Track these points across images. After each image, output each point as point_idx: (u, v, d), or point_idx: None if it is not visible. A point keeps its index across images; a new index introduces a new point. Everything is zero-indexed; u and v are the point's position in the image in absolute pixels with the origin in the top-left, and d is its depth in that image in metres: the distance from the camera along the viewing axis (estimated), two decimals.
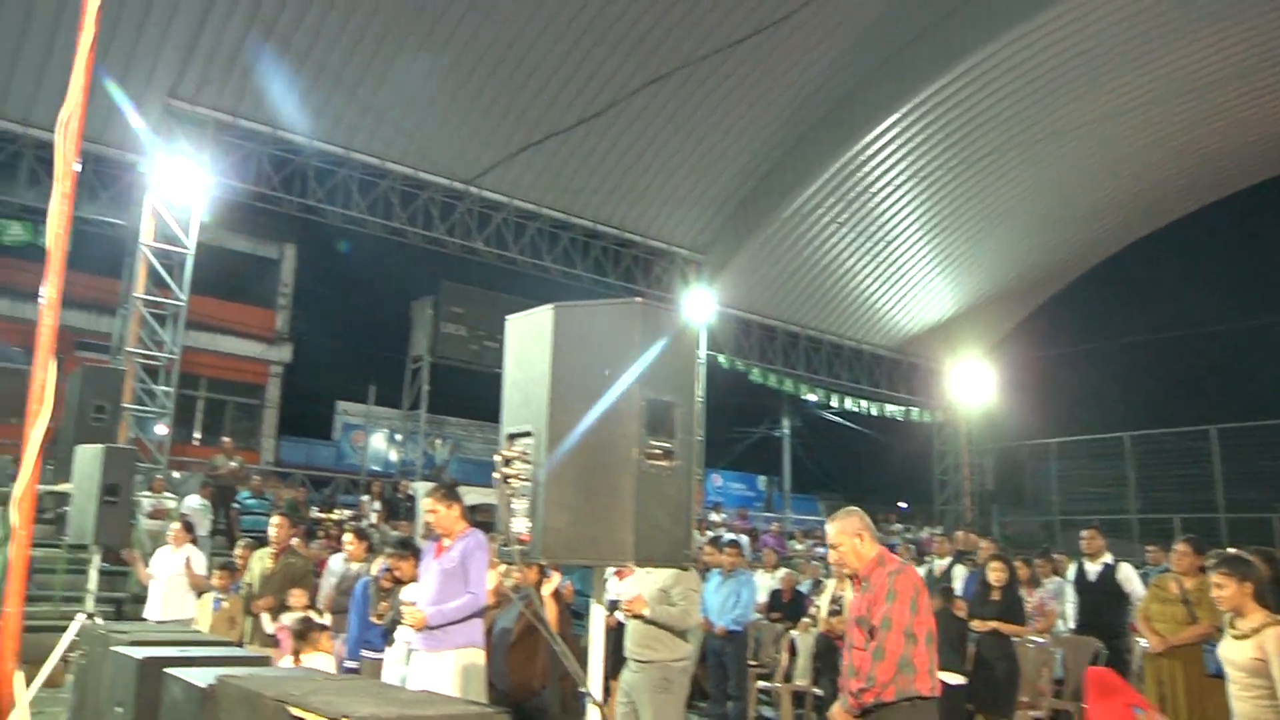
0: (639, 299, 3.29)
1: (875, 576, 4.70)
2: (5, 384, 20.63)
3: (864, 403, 27.64)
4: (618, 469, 3.18)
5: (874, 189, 22.83)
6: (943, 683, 8.43)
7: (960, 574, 11.76)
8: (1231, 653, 5.10)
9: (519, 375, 3.46)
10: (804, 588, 13.20)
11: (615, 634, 9.39)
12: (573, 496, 3.19)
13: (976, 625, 8.60)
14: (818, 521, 26.80)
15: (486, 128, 19.35)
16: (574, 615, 7.76)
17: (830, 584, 10.65)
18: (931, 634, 4.62)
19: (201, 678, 4.06)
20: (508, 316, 3.61)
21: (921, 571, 12.48)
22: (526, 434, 3.33)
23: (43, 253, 15.67)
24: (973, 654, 8.61)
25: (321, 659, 7.14)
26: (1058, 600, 10.23)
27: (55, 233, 2.16)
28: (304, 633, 7.22)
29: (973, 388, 28.55)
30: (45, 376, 2.22)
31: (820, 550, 20.58)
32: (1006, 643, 8.59)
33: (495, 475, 3.37)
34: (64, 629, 8.59)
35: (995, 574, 8.85)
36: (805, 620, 10.91)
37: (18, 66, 15.89)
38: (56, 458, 13.72)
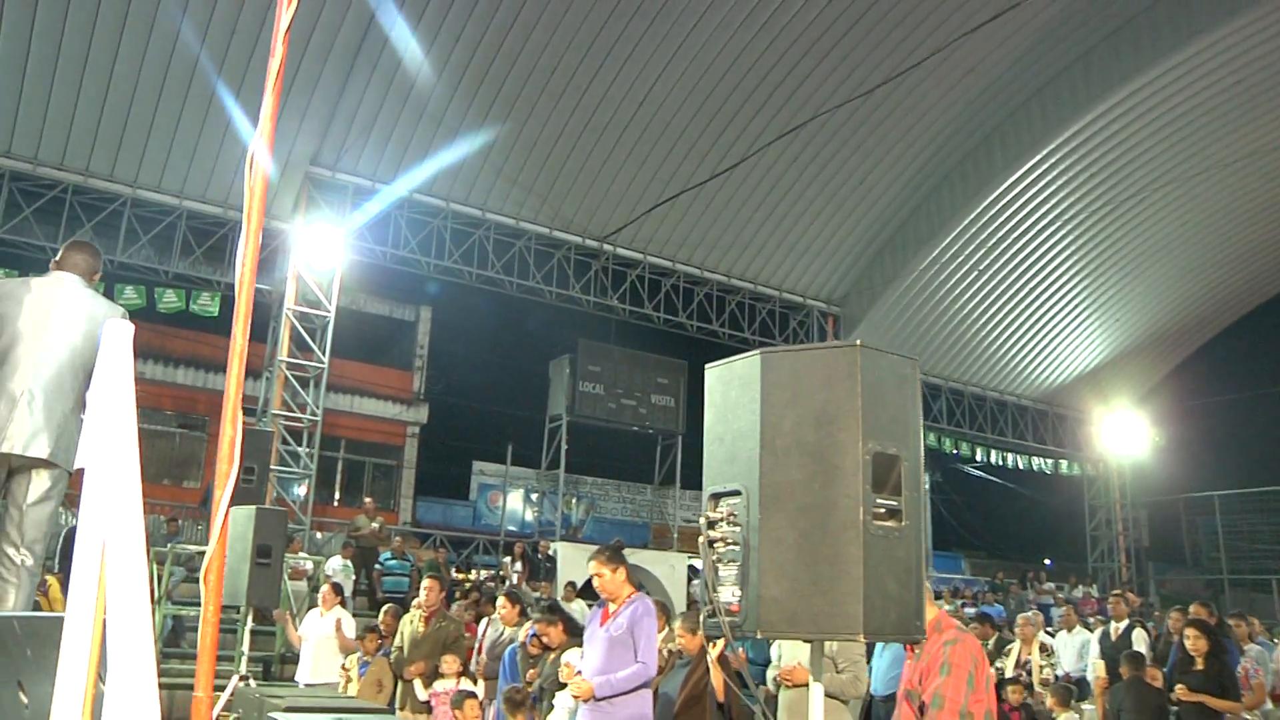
0: (859, 341, 2.94)
1: (929, 644, 4.21)
2: (157, 448, 21.38)
3: (1009, 456, 26.59)
4: (841, 531, 2.82)
5: (1016, 234, 22.08)
6: None
7: (1141, 638, 10.92)
8: None
9: (722, 429, 3.14)
10: None
11: (772, 703, 8.97)
12: (791, 563, 2.84)
13: (1181, 695, 7.83)
14: (963, 580, 25.75)
15: (619, 185, 19.38)
16: (742, 684, 7.34)
17: (1015, 647, 10.01)
18: (991, 713, 4.16)
19: None
20: (707, 366, 3.30)
21: (1097, 635, 11.66)
22: (734, 493, 3.00)
23: (193, 320, 16.07)
24: None
25: None
26: (1264, 669, 9.34)
27: (244, 277, 1.93)
28: (461, 703, 6.98)
29: (1125, 439, 27.20)
30: (234, 434, 1.98)
31: (969, 610, 19.67)
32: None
33: (700, 540, 3.05)
34: (219, 689, 8.60)
35: (1193, 642, 8.04)
36: None
37: (175, 143, 16.51)
38: (207, 520, 13.99)
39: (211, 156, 16.80)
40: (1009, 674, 10.03)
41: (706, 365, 3.29)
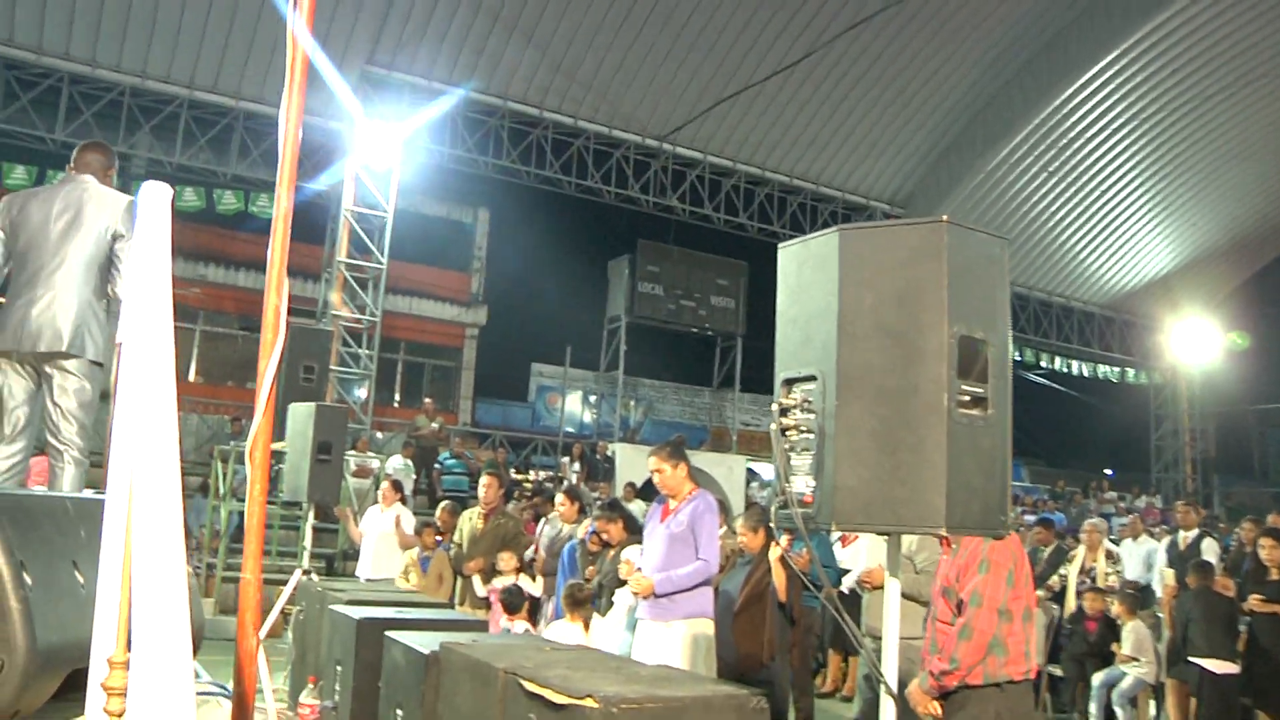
0: (945, 217, 2.73)
1: (966, 540, 4.00)
2: (220, 350, 21.66)
3: (1074, 363, 26.06)
4: (924, 419, 2.64)
5: (1088, 134, 21.28)
6: (1209, 671, 7.63)
7: (1211, 548, 10.67)
8: None
9: (796, 311, 2.95)
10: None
11: (848, 604, 8.90)
12: (870, 452, 2.67)
13: (1255, 605, 7.60)
14: (1022, 488, 25.49)
15: (680, 83, 18.91)
16: (806, 586, 7.25)
17: (1079, 553, 9.83)
18: (1030, 611, 4.01)
19: (423, 643, 3.87)
20: (780, 245, 3.09)
21: (1164, 544, 11.43)
22: (809, 378, 2.83)
23: (254, 222, 16.11)
24: (1245, 640, 7.67)
25: (564, 626, 6.87)
26: None
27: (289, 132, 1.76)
28: (513, 604, 6.98)
29: (1195, 348, 26.46)
30: (278, 300, 1.85)
31: (1029, 518, 19.47)
32: None
33: (771, 427, 2.89)
34: (281, 583, 8.71)
35: (1269, 552, 7.77)
36: (1038, 594, 10.10)
37: (229, 44, 16.33)
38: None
39: (267, 56, 16.61)
40: (1073, 580, 9.88)
41: (780, 245, 3.09)
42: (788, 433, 2.87)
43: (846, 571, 8.25)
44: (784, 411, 2.88)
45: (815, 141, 20.69)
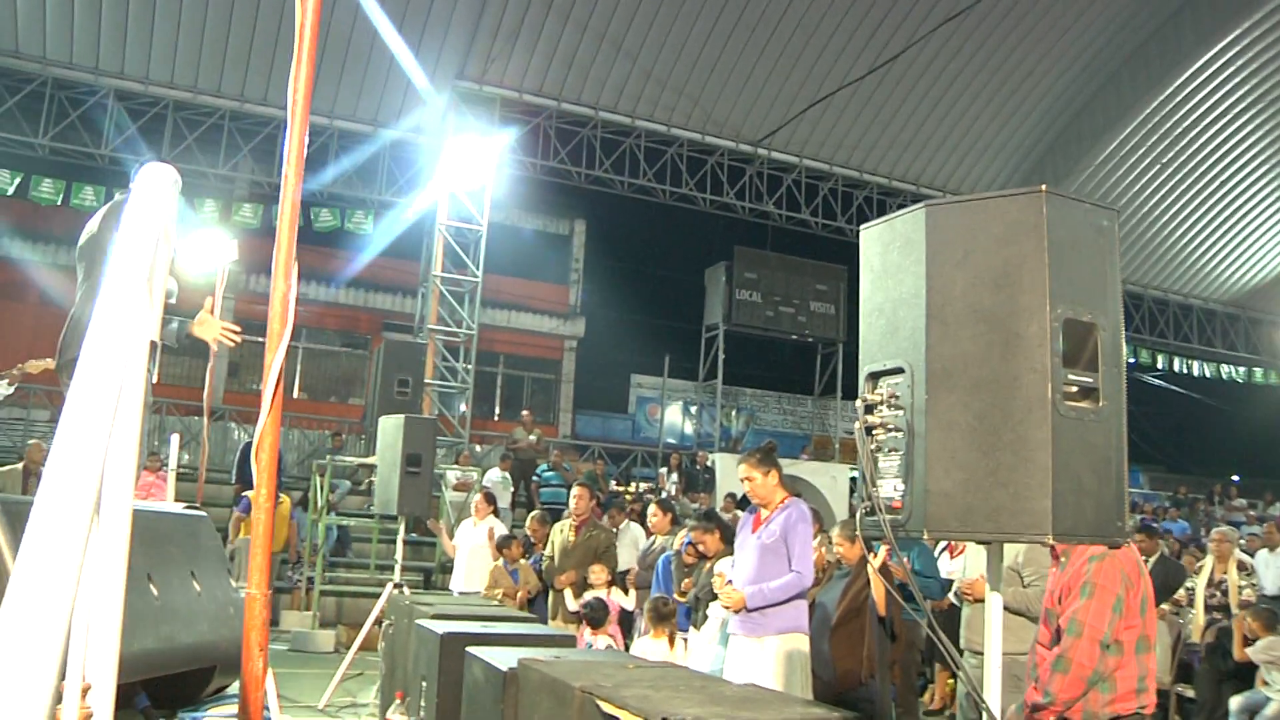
0: (1044, 186, 2.43)
1: (1074, 557, 3.55)
2: (322, 367, 21.98)
3: (1194, 364, 24.92)
4: (1026, 413, 2.35)
5: (1205, 123, 20.35)
6: None
7: None
8: None
9: (881, 298, 2.68)
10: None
11: (946, 619, 8.47)
12: (966, 451, 2.39)
13: None
14: (1141, 495, 24.42)
15: (772, 86, 18.61)
16: (907, 597, 6.90)
17: (1207, 564, 9.24)
18: (1147, 640, 3.46)
19: (504, 659, 3.75)
20: (862, 227, 2.83)
21: None
22: (896, 371, 2.56)
23: (349, 238, 16.30)
24: None
25: (648, 643, 6.66)
26: None
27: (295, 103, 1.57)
28: (597, 619, 6.77)
29: None
30: (286, 287, 1.65)
31: (1149, 523, 18.61)
32: None
33: (856, 425, 2.62)
34: (376, 596, 8.71)
35: None
36: (1163, 607, 9.53)
37: (323, 65, 16.56)
38: (368, 432, 14.25)
39: (359, 75, 16.83)
40: (1200, 593, 9.27)
41: (861, 227, 2.83)
42: (874, 432, 2.60)
43: (951, 583, 7.86)
44: (869, 408, 2.62)
45: (913, 141, 20.16)
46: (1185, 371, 24.95)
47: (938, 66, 18.65)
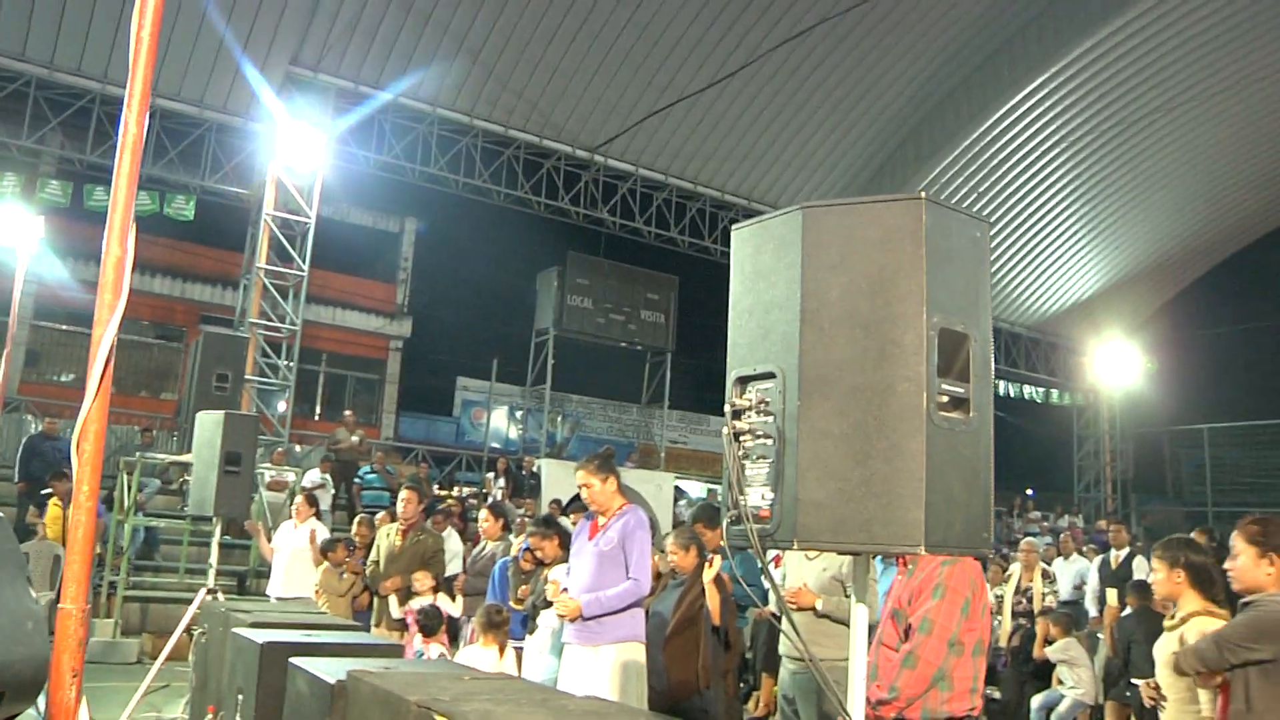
0: (922, 193, 2.41)
1: (924, 562, 3.73)
2: (133, 359, 20.84)
3: (1000, 384, 26.20)
4: (900, 422, 2.31)
5: (1018, 155, 21.44)
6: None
7: (1143, 566, 10.58)
8: (1159, 649, 4.06)
9: (752, 300, 2.60)
10: None
11: (769, 629, 8.57)
12: (839, 459, 2.33)
13: None
14: None
15: (613, 94, 18.63)
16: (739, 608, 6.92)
17: (1014, 570, 9.64)
18: (983, 644, 3.68)
19: (330, 670, 3.48)
20: (733, 227, 2.77)
21: (1096, 563, 11.33)
22: (767, 375, 2.49)
23: (168, 224, 15.42)
24: None
25: (477, 652, 6.45)
26: None
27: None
28: (430, 626, 6.55)
29: (1117, 369, 26.80)
30: (121, 252, 1.44)
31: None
32: None
33: (724, 431, 2.54)
34: (188, 602, 8.21)
35: None
36: None
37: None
38: (182, 429, 13.50)
39: (185, 52, 15.96)
40: (1009, 601, 9.72)
41: (733, 226, 2.76)
42: (741, 438, 2.52)
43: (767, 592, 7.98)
44: (737, 413, 2.53)
45: (749, 156, 20.52)
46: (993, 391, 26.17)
47: (776, 84, 19.04)
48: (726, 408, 2.56)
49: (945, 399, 2.38)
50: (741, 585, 7.56)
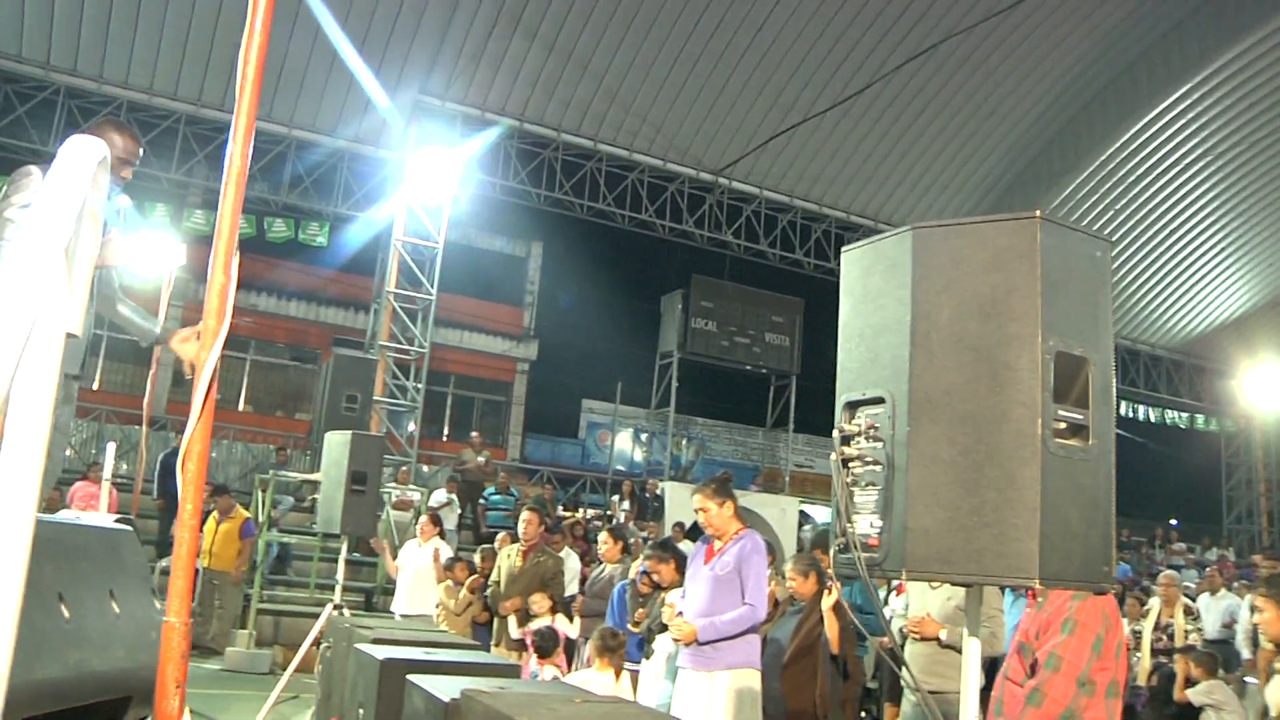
0: (1039, 212, 2.32)
1: (1055, 595, 3.50)
2: (270, 380, 21.60)
3: (1140, 408, 25.20)
4: (1014, 450, 2.22)
5: (1158, 170, 20.64)
6: None
7: None
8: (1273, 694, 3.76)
9: (861, 324, 2.55)
10: None
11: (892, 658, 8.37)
12: (949, 487, 2.26)
13: None
14: None
15: (736, 116, 18.61)
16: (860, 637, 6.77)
17: (1153, 605, 9.23)
18: (1116, 684, 3.40)
19: (446, 689, 3.51)
20: (844, 249, 2.71)
21: (1247, 600, 10.75)
22: (876, 401, 2.43)
23: (302, 250, 15.95)
24: None
25: (593, 675, 6.46)
26: None
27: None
28: (546, 648, 6.58)
29: (1272, 394, 25.39)
30: (225, 280, 1.47)
31: None
32: None
33: (832, 458, 2.48)
34: (316, 616, 8.43)
35: None
36: None
37: (284, 73, 16.30)
38: (314, 448, 13.93)
39: (320, 84, 16.57)
40: (1147, 637, 9.27)
41: (843, 248, 2.71)
42: (850, 464, 2.47)
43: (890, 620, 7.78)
44: (846, 439, 2.48)
45: (874, 177, 20.25)
46: (1131, 415, 25.18)
47: (901, 103, 18.76)
48: (835, 433, 2.50)
49: (1062, 425, 2.28)
50: (860, 614, 7.43)
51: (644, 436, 24.43)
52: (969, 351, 2.29)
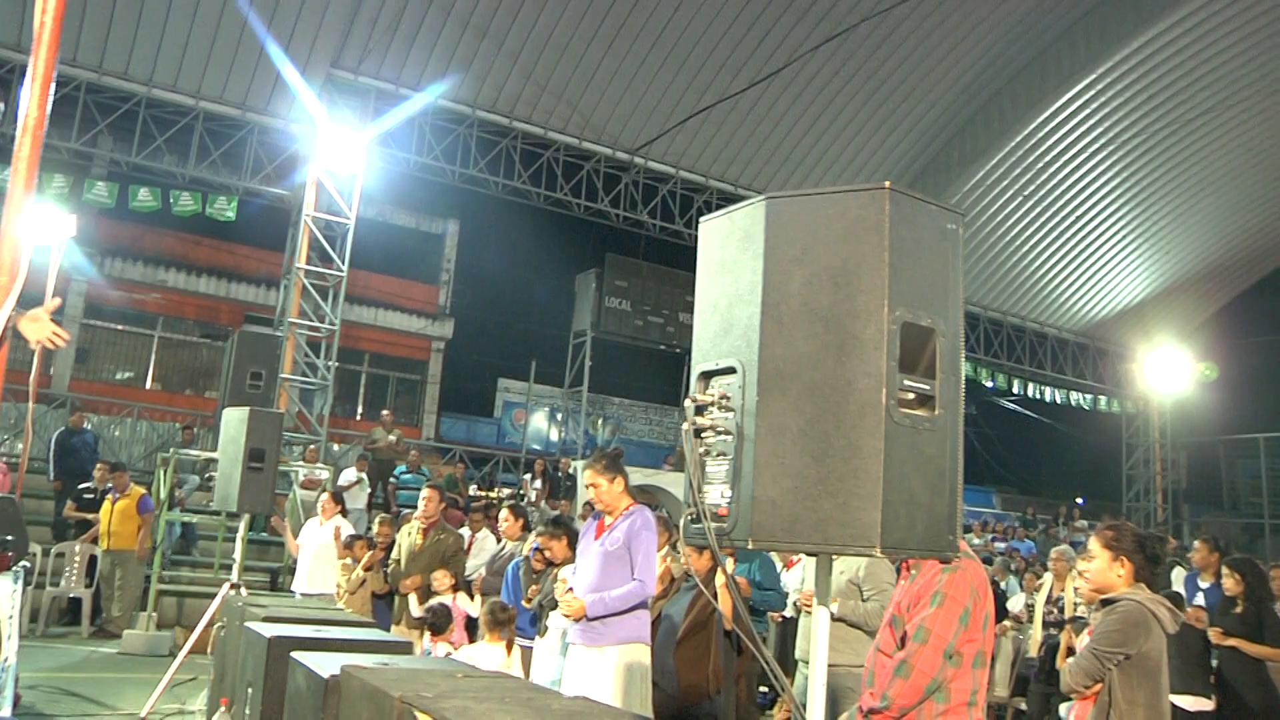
0: (888, 183, 2.33)
1: (926, 568, 3.54)
2: (179, 357, 21.14)
3: (1047, 390, 25.76)
4: (859, 419, 2.24)
5: (1065, 158, 21.08)
6: (1182, 709, 7.23)
7: (1179, 577, 10.33)
8: None
9: (716, 294, 2.55)
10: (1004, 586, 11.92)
11: (781, 630, 8.47)
12: (795, 457, 2.27)
13: (1215, 638, 7.22)
14: (993, 515, 25.13)
15: (653, 95, 18.56)
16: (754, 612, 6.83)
17: (1046, 581, 9.45)
18: (984, 655, 3.47)
19: (328, 665, 3.51)
20: (702, 219, 2.71)
21: None
22: (728, 371, 2.43)
23: (210, 225, 15.61)
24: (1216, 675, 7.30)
25: (483, 649, 6.43)
26: None
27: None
28: (439, 625, 6.54)
29: (1167, 376, 26.22)
30: (12, 231, 1.40)
31: (999, 545, 19.13)
32: (1259, 667, 7.17)
33: (684, 427, 2.48)
34: (214, 596, 8.28)
35: (1230, 582, 7.38)
36: (1005, 624, 9.73)
37: (190, 42, 15.87)
38: (218, 426, 13.66)
39: (229, 55, 16.16)
40: (1039, 610, 9.52)
41: (701, 219, 2.70)
42: (703, 434, 2.46)
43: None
44: (699, 409, 2.47)
45: (790, 158, 20.37)
46: (1038, 397, 25.75)
47: (817, 85, 18.89)
48: (687, 402, 2.50)
49: (909, 395, 2.30)
50: (760, 589, 7.51)
51: (559, 415, 24.39)
52: (819, 322, 2.30)
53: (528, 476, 18.03)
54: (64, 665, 9.80)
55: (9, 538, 4.81)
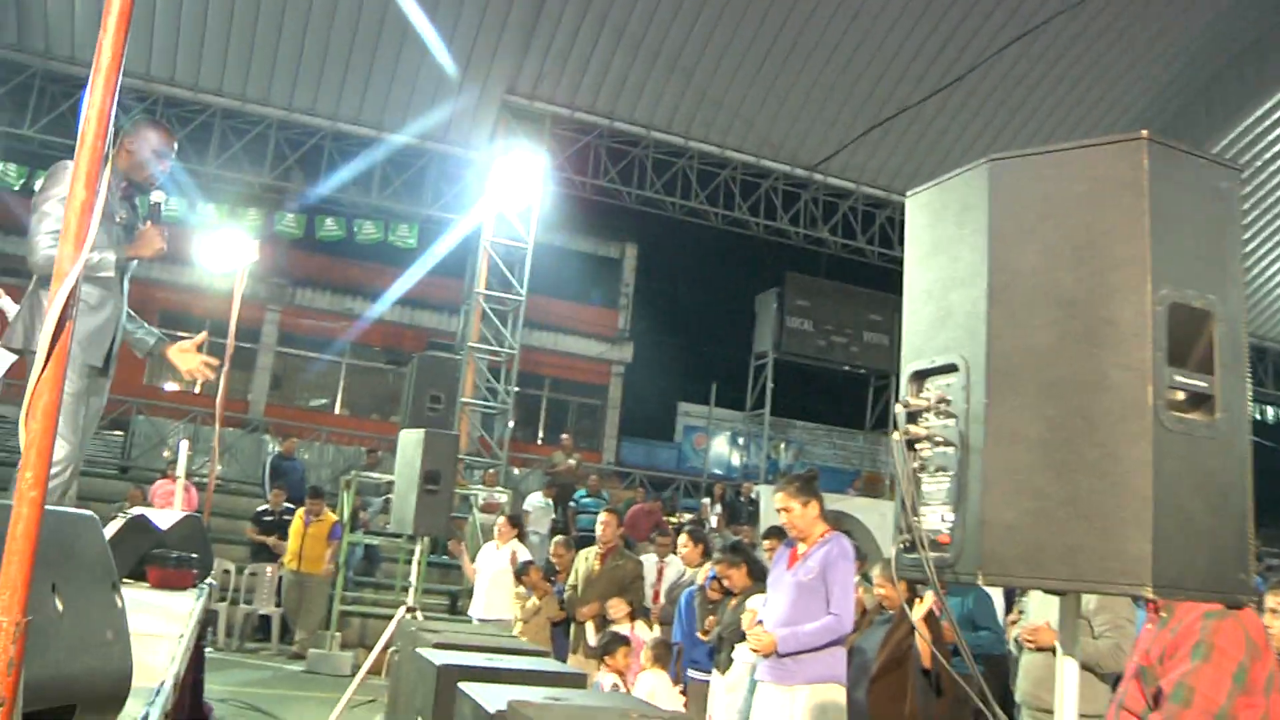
0: (1145, 132, 1.87)
1: (1182, 610, 2.89)
2: (366, 383, 21.71)
3: (1269, 409, 23.76)
4: (1117, 424, 1.78)
5: None
6: None
7: None
8: None
9: (930, 279, 2.12)
10: None
11: (996, 666, 7.75)
12: (1036, 472, 1.82)
13: None
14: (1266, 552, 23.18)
15: (831, 109, 18.07)
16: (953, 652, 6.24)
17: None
18: None
19: (496, 698, 3.29)
20: (909, 193, 2.30)
21: None
22: (948, 369, 2.00)
23: (392, 252, 15.97)
24: None
25: (654, 678, 6.11)
26: None
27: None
28: (609, 650, 6.25)
29: None
30: (87, 196, 1.14)
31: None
32: None
33: (894, 437, 2.07)
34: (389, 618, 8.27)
35: None
36: None
37: (372, 75, 16.35)
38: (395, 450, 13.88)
39: (408, 88, 16.56)
40: None
41: (908, 193, 2.29)
42: (917, 446, 2.04)
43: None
44: (912, 416, 2.05)
45: None
46: (1261, 417, 23.77)
47: (1001, 93, 17.99)
48: (898, 408, 2.08)
49: (1180, 395, 1.83)
50: (975, 629, 6.82)
51: (740, 440, 23.97)
52: (1060, 305, 1.85)
53: (706, 501, 17.70)
54: (252, 680, 10.06)
55: (192, 555, 4.78)
